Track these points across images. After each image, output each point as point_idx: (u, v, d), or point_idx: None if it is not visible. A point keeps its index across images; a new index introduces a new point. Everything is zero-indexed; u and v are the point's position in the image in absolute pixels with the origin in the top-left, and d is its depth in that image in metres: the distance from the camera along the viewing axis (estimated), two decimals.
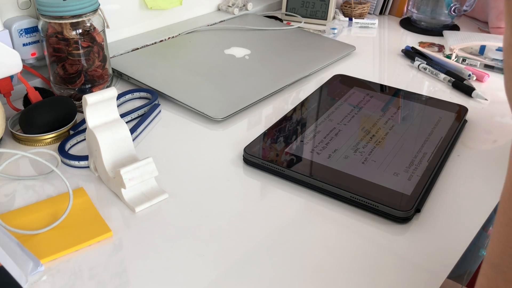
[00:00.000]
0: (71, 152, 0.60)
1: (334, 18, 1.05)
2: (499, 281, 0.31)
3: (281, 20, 1.05)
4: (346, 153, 0.58)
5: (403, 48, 0.91)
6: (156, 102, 0.70)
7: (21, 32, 0.69)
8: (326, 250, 0.47)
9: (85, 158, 0.57)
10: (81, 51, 0.67)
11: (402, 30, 1.03)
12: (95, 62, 0.69)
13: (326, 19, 1.04)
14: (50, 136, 0.61)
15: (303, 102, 0.70)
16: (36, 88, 0.67)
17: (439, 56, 0.88)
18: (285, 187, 0.55)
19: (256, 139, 0.60)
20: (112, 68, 0.75)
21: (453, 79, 0.79)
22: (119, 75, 0.78)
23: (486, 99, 0.74)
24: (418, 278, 0.44)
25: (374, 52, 0.92)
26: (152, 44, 0.88)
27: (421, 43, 0.91)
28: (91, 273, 0.44)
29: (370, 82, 0.77)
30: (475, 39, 0.90)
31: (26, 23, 0.69)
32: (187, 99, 0.70)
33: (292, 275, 0.44)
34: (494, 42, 0.88)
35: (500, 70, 0.84)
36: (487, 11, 1.03)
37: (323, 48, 0.89)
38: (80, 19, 0.65)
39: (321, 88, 0.75)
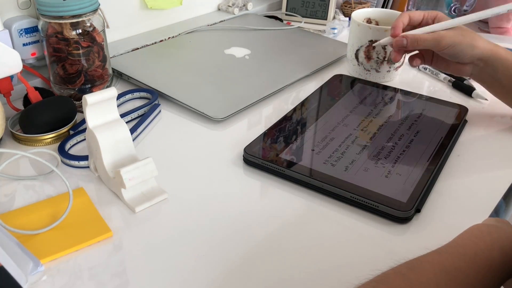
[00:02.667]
0: (71, 152, 0.60)
1: (334, 18, 1.05)
2: None
3: (281, 20, 1.05)
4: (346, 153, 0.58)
5: None
6: (156, 102, 0.70)
7: (21, 32, 0.69)
8: (326, 250, 0.47)
9: (85, 158, 0.57)
10: (81, 51, 0.67)
11: None
12: (95, 62, 0.69)
13: (326, 19, 1.04)
14: (50, 136, 0.61)
15: (303, 102, 0.70)
16: (36, 88, 0.67)
17: None
18: (285, 187, 0.55)
19: (256, 139, 0.60)
20: (112, 68, 0.75)
21: (453, 79, 0.79)
22: (119, 75, 0.78)
23: (486, 99, 0.74)
24: None
25: None
26: (152, 44, 0.88)
27: None
28: (91, 273, 0.44)
29: (370, 82, 0.77)
30: None
31: (26, 23, 0.69)
32: (187, 99, 0.70)
33: (292, 275, 0.44)
34: (494, 42, 0.88)
35: None
36: None
37: (323, 48, 0.89)
38: (80, 19, 0.65)
39: (321, 88, 0.75)
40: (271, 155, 0.57)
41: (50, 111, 0.62)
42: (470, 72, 0.66)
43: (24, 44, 0.70)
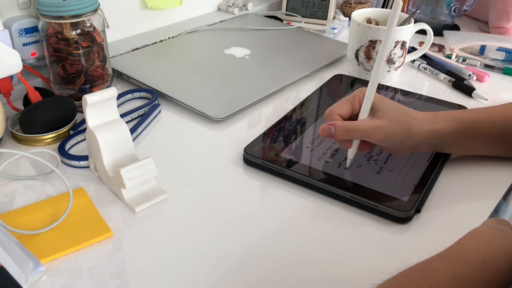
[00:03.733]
0: (71, 152, 0.60)
1: (334, 18, 1.05)
2: None
3: (281, 20, 1.05)
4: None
5: None
6: (156, 102, 0.70)
7: (21, 32, 0.69)
8: (326, 250, 0.47)
9: (85, 158, 0.57)
10: (81, 51, 0.67)
11: None
12: (95, 62, 0.69)
13: (326, 19, 1.04)
14: (50, 136, 0.61)
15: (303, 102, 0.70)
16: (36, 88, 0.67)
17: (439, 56, 0.88)
18: (285, 187, 0.55)
19: (256, 139, 0.60)
20: (112, 68, 0.75)
21: (453, 79, 0.79)
22: (119, 75, 0.78)
23: (486, 99, 0.74)
24: None
25: None
26: (152, 44, 0.88)
27: (421, 43, 0.90)
28: (91, 273, 0.44)
29: None
30: (475, 39, 0.90)
31: (26, 23, 0.69)
32: (187, 99, 0.70)
33: (292, 275, 0.44)
34: (494, 42, 0.88)
35: (500, 70, 0.84)
36: (487, 11, 1.03)
37: (323, 48, 0.89)
38: (80, 19, 0.65)
39: (321, 88, 0.74)
40: (271, 155, 0.57)
41: (50, 111, 0.62)
42: (413, 151, 0.57)
43: (24, 44, 0.70)
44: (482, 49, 0.89)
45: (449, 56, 0.88)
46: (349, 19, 1.04)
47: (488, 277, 0.36)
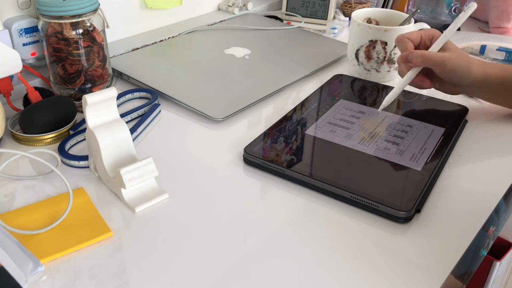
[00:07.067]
0: (71, 152, 0.60)
1: (334, 17, 1.05)
2: None
3: (281, 20, 1.05)
4: (347, 153, 0.58)
5: None
6: (156, 102, 0.70)
7: (21, 32, 0.69)
8: (326, 250, 0.47)
9: (85, 158, 0.57)
10: (81, 51, 0.67)
11: None
12: (95, 62, 0.69)
13: (326, 19, 1.04)
14: (50, 136, 0.61)
15: (303, 102, 0.70)
16: (36, 88, 0.67)
17: None
18: (285, 187, 0.55)
19: (256, 139, 0.60)
20: (112, 68, 0.75)
21: None
22: (119, 75, 0.78)
23: None
24: (419, 278, 0.44)
25: None
26: (152, 44, 0.88)
27: None
28: (91, 273, 0.44)
29: (370, 82, 0.77)
30: (475, 39, 0.90)
31: (26, 23, 0.69)
32: (187, 99, 0.70)
33: (292, 275, 0.44)
34: (494, 42, 0.88)
35: None
36: (487, 11, 1.03)
37: (323, 48, 0.89)
38: (80, 19, 0.65)
39: (321, 88, 0.74)
40: (271, 155, 0.57)
41: (50, 111, 0.62)
42: (460, 92, 0.69)
43: (24, 44, 0.70)
44: (482, 49, 0.89)
45: None
46: (349, 19, 1.04)
47: None
